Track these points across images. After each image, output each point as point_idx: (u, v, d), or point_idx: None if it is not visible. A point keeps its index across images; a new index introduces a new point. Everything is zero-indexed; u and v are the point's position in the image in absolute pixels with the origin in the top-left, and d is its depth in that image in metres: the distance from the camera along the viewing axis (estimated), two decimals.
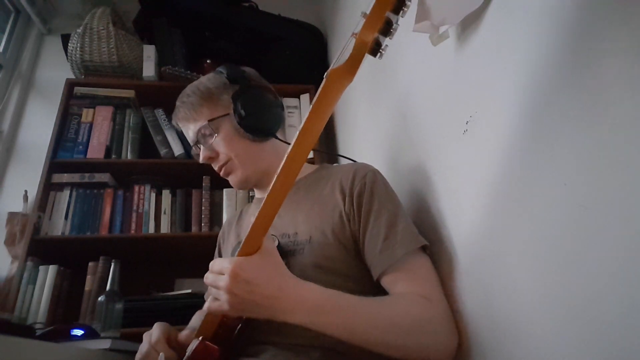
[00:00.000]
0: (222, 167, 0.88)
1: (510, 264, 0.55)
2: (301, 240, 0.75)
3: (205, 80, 0.91)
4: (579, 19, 0.45)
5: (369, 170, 0.80)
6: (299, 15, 2.06)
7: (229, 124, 0.86)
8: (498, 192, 0.58)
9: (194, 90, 0.89)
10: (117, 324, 1.17)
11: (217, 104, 0.87)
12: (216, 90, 0.88)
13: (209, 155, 0.88)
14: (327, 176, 0.84)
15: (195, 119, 0.88)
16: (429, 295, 0.67)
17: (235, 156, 0.86)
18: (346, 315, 0.60)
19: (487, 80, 0.61)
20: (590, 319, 0.42)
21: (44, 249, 1.46)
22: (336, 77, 0.56)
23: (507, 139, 0.56)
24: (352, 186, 0.77)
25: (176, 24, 1.91)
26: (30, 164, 1.70)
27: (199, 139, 0.88)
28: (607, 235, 0.40)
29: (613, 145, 0.40)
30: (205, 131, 0.86)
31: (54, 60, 1.96)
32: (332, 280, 0.70)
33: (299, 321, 0.59)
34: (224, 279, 0.58)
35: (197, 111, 0.87)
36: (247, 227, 0.88)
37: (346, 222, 0.75)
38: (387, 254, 0.70)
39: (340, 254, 0.73)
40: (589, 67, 0.43)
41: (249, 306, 0.59)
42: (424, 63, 0.83)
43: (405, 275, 0.69)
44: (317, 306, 0.60)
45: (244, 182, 0.88)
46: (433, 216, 0.77)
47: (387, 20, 0.52)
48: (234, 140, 0.86)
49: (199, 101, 0.88)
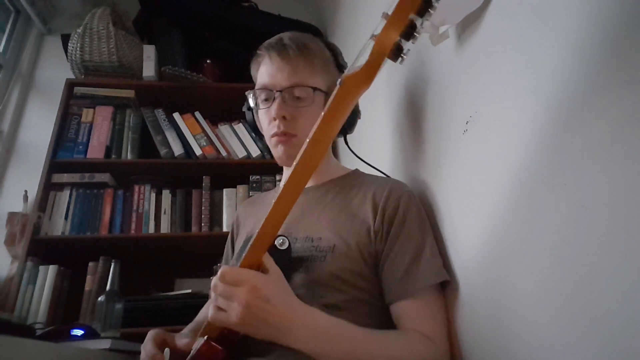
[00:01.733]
0: (285, 134, 0.79)
1: (510, 264, 0.55)
2: (324, 247, 0.72)
3: (319, 43, 0.85)
4: (579, 18, 0.45)
5: (405, 190, 0.77)
6: (299, 15, 2.07)
7: (322, 104, 0.80)
8: (498, 192, 0.58)
9: (317, 45, 0.83)
10: (117, 324, 1.17)
11: (324, 76, 0.82)
12: (328, 61, 0.85)
13: (286, 114, 0.78)
14: (359, 185, 0.81)
15: (297, 73, 0.79)
16: (433, 335, 0.66)
17: (306, 136, 0.82)
18: (349, 346, 0.60)
19: (487, 80, 0.61)
20: (591, 320, 0.42)
21: (44, 249, 1.46)
22: (352, 84, 0.53)
23: (507, 139, 0.56)
24: (385, 204, 0.74)
25: (176, 24, 1.91)
26: (30, 164, 1.70)
27: (285, 91, 0.79)
28: (608, 235, 0.40)
29: (613, 145, 0.40)
30: (303, 94, 0.79)
31: (54, 60, 1.96)
32: (349, 292, 0.69)
33: (302, 346, 0.58)
34: (242, 291, 0.55)
35: (307, 66, 0.80)
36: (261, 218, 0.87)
37: (373, 239, 0.73)
38: (406, 284, 0.68)
39: (362, 269, 0.71)
40: (589, 66, 0.43)
41: (259, 324, 0.56)
42: (424, 63, 0.83)
43: (415, 310, 0.68)
44: (321, 333, 0.59)
45: (292, 158, 0.83)
46: (432, 216, 0.77)
47: (410, 24, 0.49)
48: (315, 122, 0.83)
49: (317, 58, 0.81)
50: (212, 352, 0.61)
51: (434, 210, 0.77)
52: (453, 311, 0.69)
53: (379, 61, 0.52)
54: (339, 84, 0.54)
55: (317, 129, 0.56)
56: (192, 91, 1.77)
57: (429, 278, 0.68)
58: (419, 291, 0.68)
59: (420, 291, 0.68)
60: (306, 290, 0.68)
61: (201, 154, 1.67)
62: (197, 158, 1.67)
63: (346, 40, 1.57)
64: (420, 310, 0.68)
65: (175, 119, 1.73)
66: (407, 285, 0.68)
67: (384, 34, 0.50)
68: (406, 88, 0.93)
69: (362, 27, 1.32)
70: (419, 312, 0.68)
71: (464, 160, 0.67)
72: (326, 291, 0.69)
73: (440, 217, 0.75)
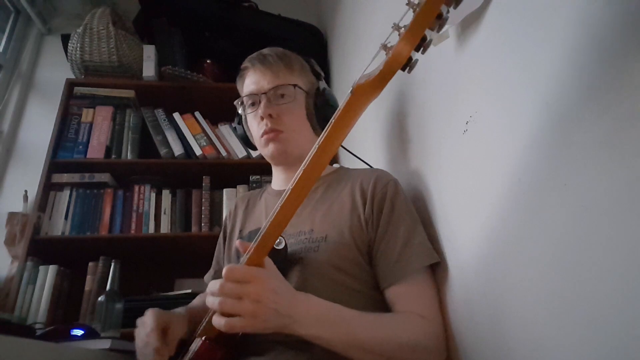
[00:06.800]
0: (273, 131, 0.85)
1: (509, 264, 0.55)
2: (316, 237, 0.76)
3: (297, 55, 0.94)
4: (578, 18, 0.45)
5: (390, 179, 0.81)
6: (299, 15, 2.07)
7: (304, 101, 0.88)
8: (497, 192, 0.58)
9: (290, 53, 0.92)
10: (117, 324, 1.17)
11: (304, 78, 0.90)
12: (306, 67, 0.93)
13: (272, 112, 0.84)
14: (347, 178, 0.85)
15: (279, 76, 0.87)
16: (428, 314, 0.69)
17: (293, 131, 0.86)
18: (347, 327, 0.62)
19: (487, 80, 0.61)
20: (589, 320, 0.42)
21: (44, 249, 1.46)
22: (363, 93, 0.55)
23: (506, 139, 0.56)
24: (373, 192, 0.78)
25: (176, 24, 1.91)
26: (30, 164, 1.70)
27: (270, 93, 0.86)
28: (607, 235, 0.40)
29: (613, 145, 0.40)
30: (286, 92, 0.86)
31: (54, 60, 1.96)
32: (345, 281, 0.72)
33: (307, 332, 0.60)
34: (253, 287, 0.56)
35: (287, 70, 0.88)
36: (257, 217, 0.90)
37: (364, 226, 0.75)
38: (400, 268, 0.71)
39: (355, 256, 0.74)
40: (589, 66, 0.43)
41: (272, 316, 0.57)
42: (424, 63, 0.83)
43: (410, 292, 0.71)
44: (323, 316, 0.61)
45: (283, 155, 0.87)
46: (431, 216, 0.77)
47: (423, 37, 0.50)
48: (300, 116, 0.87)
49: (293, 63, 0.89)
50: (210, 352, 0.60)
51: (434, 209, 0.77)
52: (451, 311, 0.70)
53: (392, 74, 0.53)
54: (351, 92, 0.55)
55: (326, 135, 0.57)
56: (192, 91, 1.77)
57: (422, 261, 0.71)
58: (412, 274, 0.71)
59: (413, 274, 0.71)
60: (302, 283, 0.70)
61: (201, 154, 1.67)
62: (197, 158, 1.67)
63: (346, 40, 1.57)
64: (414, 292, 0.71)
65: (175, 119, 1.73)
66: (400, 269, 0.71)
67: (399, 48, 0.51)
68: (406, 88, 0.93)
69: (362, 27, 1.32)
70: (413, 294, 0.71)
71: (464, 160, 0.67)
72: (321, 282, 0.71)
73: (440, 216, 0.75)
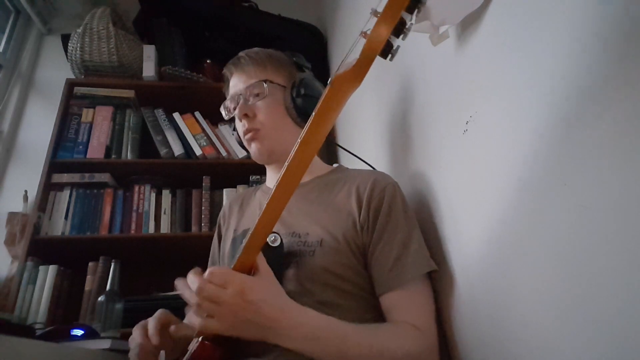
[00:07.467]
0: (251, 130, 0.85)
1: (510, 264, 0.55)
2: (312, 242, 0.74)
3: (275, 51, 0.92)
4: (578, 18, 0.45)
5: (389, 182, 0.78)
6: (299, 15, 2.07)
7: (281, 95, 0.86)
8: (498, 192, 0.58)
9: (264, 51, 0.90)
10: (117, 324, 1.17)
11: (279, 73, 0.88)
12: (284, 61, 0.90)
13: (246, 112, 0.84)
14: (344, 179, 0.83)
15: (252, 76, 0.86)
16: (422, 325, 0.68)
17: (271, 127, 0.84)
18: (340, 344, 0.60)
19: (487, 80, 0.61)
20: (591, 320, 0.42)
21: (44, 249, 1.46)
22: (342, 83, 0.53)
23: (507, 139, 0.56)
24: (370, 197, 0.75)
25: (176, 24, 1.91)
26: (30, 164, 1.70)
27: (244, 95, 0.86)
28: (608, 235, 0.40)
29: (613, 145, 0.40)
30: (257, 90, 0.85)
31: (54, 60, 1.96)
32: (341, 285, 0.70)
33: (293, 346, 0.58)
34: (228, 294, 0.55)
35: (259, 68, 0.87)
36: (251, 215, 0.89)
37: (359, 231, 0.74)
38: (396, 275, 0.70)
39: (351, 262, 0.72)
40: (588, 66, 0.43)
41: (248, 326, 0.57)
42: (424, 63, 0.83)
43: (405, 300, 0.69)
44: (313, 332, 0.59)
45: (265, 154, 0.86)
46: (432, 216, 0.77)
47: (401, 20, 0.48)
48: (278, 111, 0.85)
49: (265, 61, 0.88)
50: (207, 353, 0.60)
51: (434, 210, 0.77)
52: (453, 311, 0.70)
53: (370, 60, 0.51)
54: (329, 84, 0.54)
55: (307, 130, 0.55)
56: (192, 91, 1.77)
57: (418, 269, 0.70)
58: (408, 282, 0.69)
59: (410, 282, 0.69)
60: (298, 287, 0.69)
61: (201, 154, 1.67)
62: (197, 158, 1.67)
63: (346, 41, 1.57)
64: (410, 301, 0.69)
65: (175, 119, 1.72)
66: (396, 277, 0.70)
67: (375, 33, 0.49)
68: (406, 88, 0.93)
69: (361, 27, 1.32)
70: (408, 303, 0.69)
71: (464, 160, 0.67)
72: (317, 287, 0.70)
73: (441, 217, 0.75)
